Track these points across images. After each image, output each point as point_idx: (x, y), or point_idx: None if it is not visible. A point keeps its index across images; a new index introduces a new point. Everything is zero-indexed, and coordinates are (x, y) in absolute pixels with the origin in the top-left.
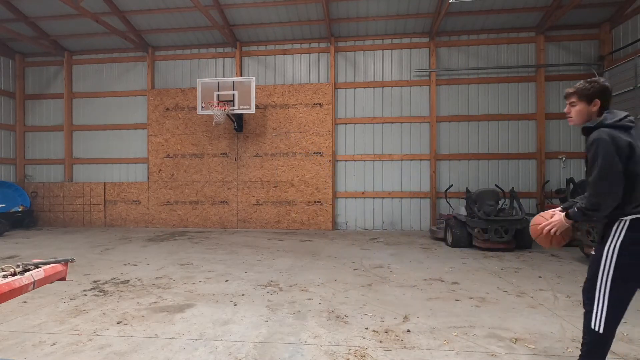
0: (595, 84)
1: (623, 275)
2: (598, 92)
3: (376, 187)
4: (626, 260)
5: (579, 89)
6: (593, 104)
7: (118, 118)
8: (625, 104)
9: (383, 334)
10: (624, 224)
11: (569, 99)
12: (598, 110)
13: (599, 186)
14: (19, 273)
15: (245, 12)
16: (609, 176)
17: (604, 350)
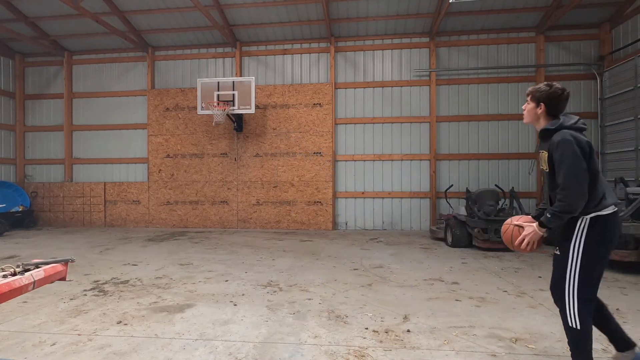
0: (546, 88)
1: (588, 272)
2: (544, 97)
3: (376, 187)
4: (590, 257)
5: (533, 90)
6: (539, 107)
7: (118, 118)
8: (625, 104)
9: (383, 334)
10: (585, 222)
11: (527, 96)
12: (543, 114)
13: (571, 187)
14: (19, 273)
15: (245, 12)
16: (578, 176)
17: (589, 342)
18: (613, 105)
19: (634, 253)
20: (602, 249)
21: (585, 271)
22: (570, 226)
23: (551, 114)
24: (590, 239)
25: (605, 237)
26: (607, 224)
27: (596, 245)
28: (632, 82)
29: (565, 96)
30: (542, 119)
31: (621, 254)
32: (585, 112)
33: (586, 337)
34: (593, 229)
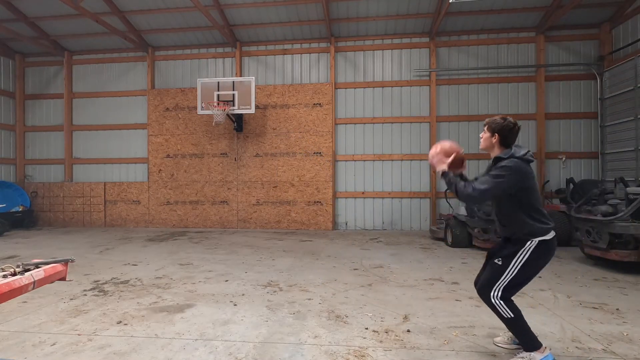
0: (500, 122)
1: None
2: (499, 129)
3: (376, 187)
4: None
5: (490, 122)
6: (494, 137)
7: (118, 118)
8: (625, 104)
9: (383, 334)
10: (533, 244)
11: (484, 126)
12: (497, 143)
13: (485, 193)
14: (19, 273)
15: (245, 12)
16: (492, 194)
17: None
18: (613, 105)
19: (634, 253)
20: (536, 267)
21: (515, 280)
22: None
23: (503, 144)
24: (532, 257)
25: (543, 257)
26: (548, 247)
27: (534, 263)
28: (632, 82)
29: (516, 130)
30: (496, 148)
31: (621, 254)
32: (585, 112)
33: (521, 319)
34: (537, 250)
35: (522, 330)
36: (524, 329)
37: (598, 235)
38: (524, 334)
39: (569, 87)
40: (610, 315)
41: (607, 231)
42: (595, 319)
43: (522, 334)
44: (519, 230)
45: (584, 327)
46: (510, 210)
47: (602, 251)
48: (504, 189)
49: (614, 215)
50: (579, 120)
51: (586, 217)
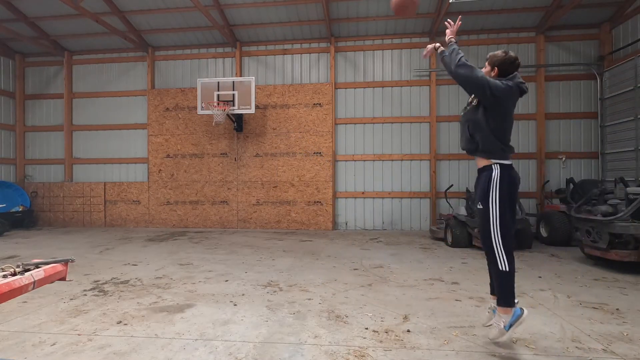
0: (501, 55)
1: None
2: (498, 62)
3: (376, 187)
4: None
5: (491, 55)
6: (493, 71)
7: (118, 118)
8: (625, 104)
9: (383, 334)
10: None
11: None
12: (496, 77)
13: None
14: (19, 273)
15: (245, 12)
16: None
17: (514, 281)
18: (613, 105)
19: (634, 253)
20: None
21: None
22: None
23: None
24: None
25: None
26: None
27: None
28: (632, 82)
29: (517, 64)
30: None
31: (621, 254)
32: (585, 112)
33: (513, 276)
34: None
35: (508, 286)
36: (510, 285)
37: (598, 235)
38: (508, 289)
39: (569, 87)
40: (610, 315)
41: (607, 231)
42: (595, 319)
43: (506, 289)
44: (483, 143)
45: (584, 327)
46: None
47: (602, 251)
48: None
49: (614, 215)
50: (579, 120)
51: (586, 217)
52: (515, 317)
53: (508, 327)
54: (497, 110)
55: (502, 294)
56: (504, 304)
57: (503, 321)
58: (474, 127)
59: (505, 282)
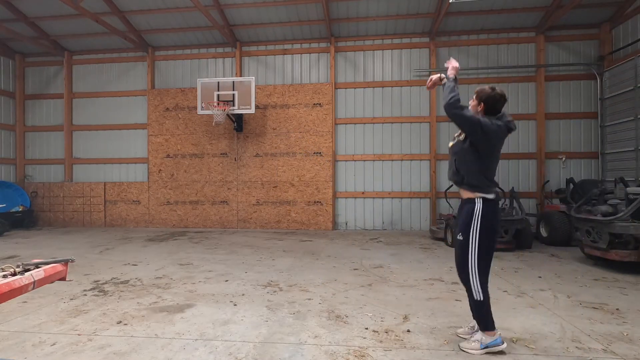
0: (487, 91)
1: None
2: (484, 98)
3: (376, 187)
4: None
5: (479, 90)
6: (480, 105)
7: (118, 118)
8: (625, 104)
9: (383, 334)
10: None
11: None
12: (482, 112)
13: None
14: (19, 273)
15: (245, 12)
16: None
17: (489, 309)
18: (613, 105)
19: (634, 253)
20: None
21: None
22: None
23: (488, 114)
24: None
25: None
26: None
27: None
28: (632, 82)
29: (503, 101)
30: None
31: (621, 254)
32: (585, 112)
33: (488, 303)
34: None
35: (485, 313)
36: (486, 312)
37: (598, 235)
38: (485, 316)
39: (569, 87)
40: (610, 315)
41: (607, 231)
42: (595, 319)
43: (484, 317)
44: (468, 177)
45: (584, 327)
46: (469, 159)
47: (602, 251)
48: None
49: (614, 215)
50: (579, 120)
51: (586, 217)
52: (495, 342)
53: (483, 346)
54: (485, 148)
55: (480, 321)
56: (484, 329)
57: (483, 338)
58: (460, 161)
59: (481, 310)
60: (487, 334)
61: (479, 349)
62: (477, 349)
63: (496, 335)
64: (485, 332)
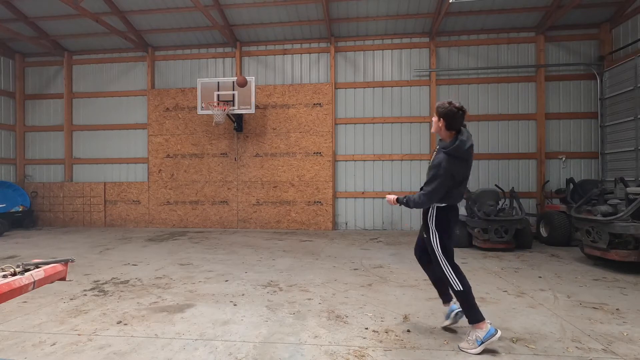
0: (445, 105)
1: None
2: (443, 114)
3: (376, 187)
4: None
5: (438, 106)
6: (440, 121)
7: (118, 118)
8: (625, 104)
9: (383, 334)
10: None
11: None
12: (443, 127)
13: (432, 194)
14: (19, 273)
15: (245, 12)
16: (439, 190)
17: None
18: (613, 105)
19: (634, 253)
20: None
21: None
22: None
23: (449, 129)
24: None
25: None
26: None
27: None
28: (632, 82)
29: (459, 115)
30: (443, 131)
31: (621, 254)
32: (585, 112)
33: (470, 293)
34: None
35: (469, 304)
36: (470, 302)
37: (598, 235)
38: (470, 307)
39: (569, 87)
40: (610, 315)
41: (607, 231)
42: (595, 319)
43: (469, 308)
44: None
45: (584, 327)
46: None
47: (602, 251)
48: (445, 180)
49: (614, 215)
50: (579, 120)
51: (586, 217)
52: (489, 334)
53: (480, 343)
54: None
55: (467, 312)
56: (473, 321)
57: (477, 335)
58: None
59: (465, 300)
60: (478, 328)
61: (477, 347)
62: (475, 347)
63: (487, 326)
64: (476, 326)
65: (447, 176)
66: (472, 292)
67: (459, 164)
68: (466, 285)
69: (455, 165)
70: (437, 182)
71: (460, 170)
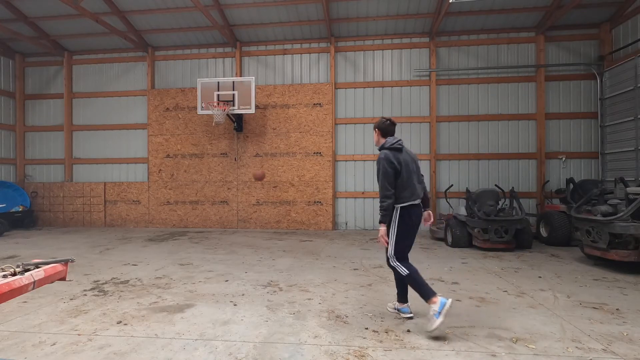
0: (380, 120)
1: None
2: (377, 126)
3: (376, 187)
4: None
5: (375, 123)
6: (376, 132)
7: (118, 118)
8: (625, 104)
9: (383, 334)
10: (396, 210)
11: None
12: (379, 136)
13: (383, 189)
14: (19, 273)
15: (245, 12)
16: (387, 182)
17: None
18: (613, 105)
19: (634, 253)
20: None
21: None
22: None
23: (384, 136)
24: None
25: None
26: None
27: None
28: (632, 82)
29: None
30: (380, 139)
31: (621, 254)
32: (585, 112)
33: (416, 275)
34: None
35: (418, 284)
36: (418, 282)
37: (598, 235)
38: (419, 287)
39: (569, 87)
40: (610, 315)
41: (607, 231)
42: (595, 319)
43: (418, 287)
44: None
45: (584, 327)
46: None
47: (602, 251)
48: (386, 173)
49: (614, 215)
50: (579, 120)
51: (586, 217)
52: (442, 305)
53: (437, 315)
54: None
55: (419, 292)
56: (425, 298)
57: (433, 310)
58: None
59: (413, 282)
60: (432, 303)
61: (436, 320)
62: (435, 320)
63: (439, 299)
64: (430, 302)
65: (388, 167)
66: (418, 273)
67: (395, 153)
68: (410, 268)
69: (393, 157)
70: (382, 175)
71: (400, 159)
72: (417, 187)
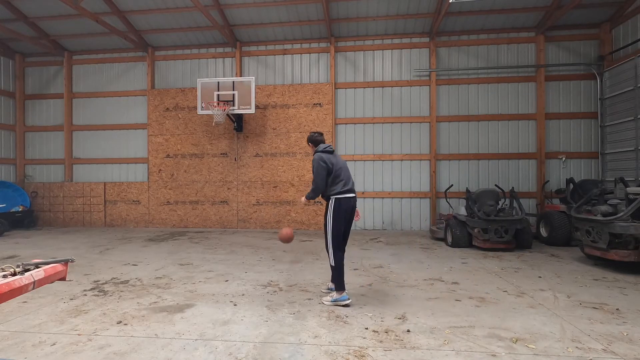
0: (310, 135)
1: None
2: (309, 139)
3: (376, 187)
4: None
5: (308, 137)
6: (309, 145)
7: (118, 118)
8: (625, 104)
9: (383, 334)
10: (331, 201)
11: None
12: (312, 147)
13: (316, 184)
14: (19, 273)
15: (245, 12)
16: (319, 178)
17: (342, 275)
18: (613, 105)
19: (634, 253)
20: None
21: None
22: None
23: (315, 146)
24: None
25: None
26: (340, 202)
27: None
28: (632, 82)
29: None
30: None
31: (621, 254)
32: (585, 112)
33: (340, 269)
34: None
35: (339, 275)
36: (339, 275)
37: (598, 235)
38: (339, 277)
39: (569, 87)
40: (610, 315)
41: (607, 231)
42: (595, 319)
43: (337, 278)
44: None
45: (584, 327)
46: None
47: (602, 251)
48: (319, 169)
49: (614, 215)
50: (579, 120)
51: (586, 217)
52: (342, 299)
53: (333, 300)
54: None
55: (335, 281)
56: (337, 288)
57: (335, 296)
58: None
59: (335, 273)
60: (338, 292)
61: (330, 302)
62: (329, 301)
63: (344, 294)
64: (338, 292)
65: (321, 166)
66: (343, 268)
67: (326, 155)
68: (338, 262)
69: (325, 158)
70: (315, 171)
71: (331, 159)
72: (350, 183)
